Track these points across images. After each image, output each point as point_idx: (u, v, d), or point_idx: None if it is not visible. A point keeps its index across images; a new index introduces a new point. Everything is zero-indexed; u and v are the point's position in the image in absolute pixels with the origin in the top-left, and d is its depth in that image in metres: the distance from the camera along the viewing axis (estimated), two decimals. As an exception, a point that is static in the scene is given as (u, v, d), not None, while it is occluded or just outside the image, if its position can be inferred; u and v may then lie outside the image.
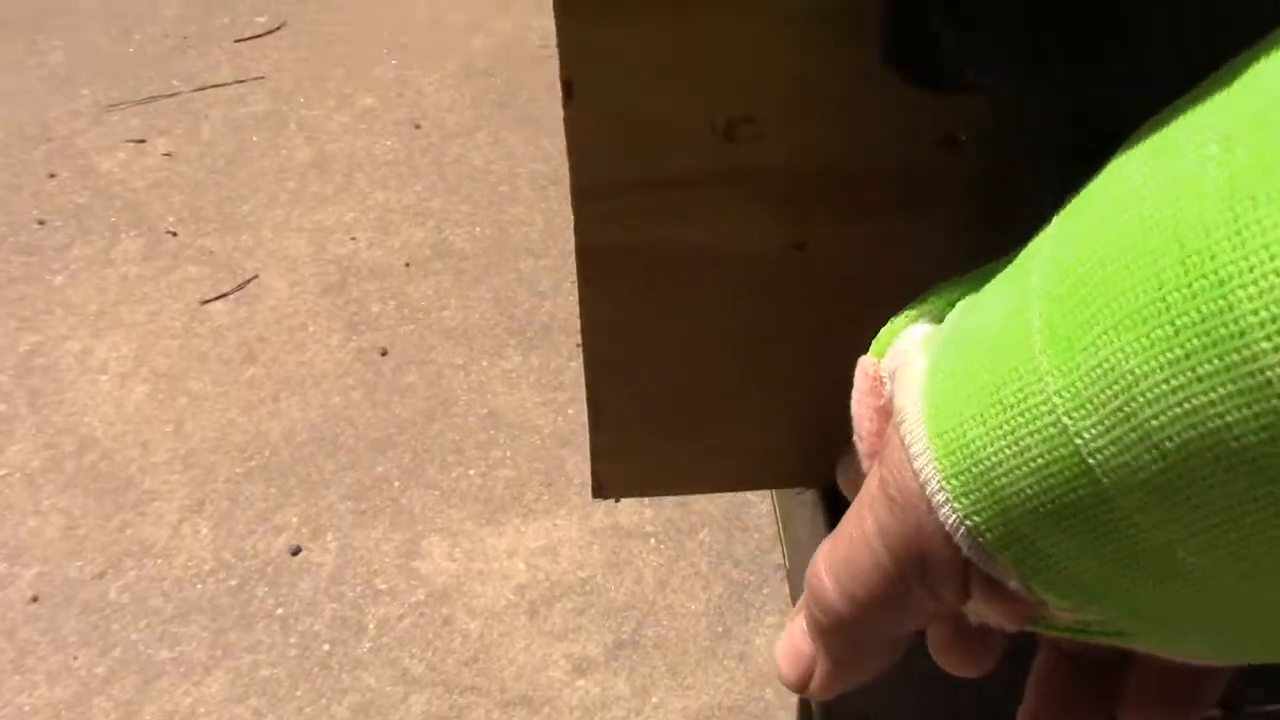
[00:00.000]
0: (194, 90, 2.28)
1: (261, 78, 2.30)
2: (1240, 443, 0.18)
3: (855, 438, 0.29)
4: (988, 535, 0.23)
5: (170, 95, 2.27)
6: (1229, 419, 0.18)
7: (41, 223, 2.00)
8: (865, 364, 0.30)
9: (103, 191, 2.06)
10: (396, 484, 1.58)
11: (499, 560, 1.49)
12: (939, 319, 0.28)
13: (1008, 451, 0.22)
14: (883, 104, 0.49)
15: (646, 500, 1.54)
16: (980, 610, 0.26)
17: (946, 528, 0.24)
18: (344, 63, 2.34)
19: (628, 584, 1.46)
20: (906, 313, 0.29)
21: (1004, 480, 0.22)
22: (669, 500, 1.53)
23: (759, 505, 1.52)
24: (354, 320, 1.81)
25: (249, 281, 1.88)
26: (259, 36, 2.43)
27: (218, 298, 1.86)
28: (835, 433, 0.61)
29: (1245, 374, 0.17)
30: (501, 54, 2.33)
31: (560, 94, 0.50)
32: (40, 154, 2.14)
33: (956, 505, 0.23)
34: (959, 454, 0.23)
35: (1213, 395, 0.18)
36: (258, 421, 1.67)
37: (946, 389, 0.24)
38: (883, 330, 0.30)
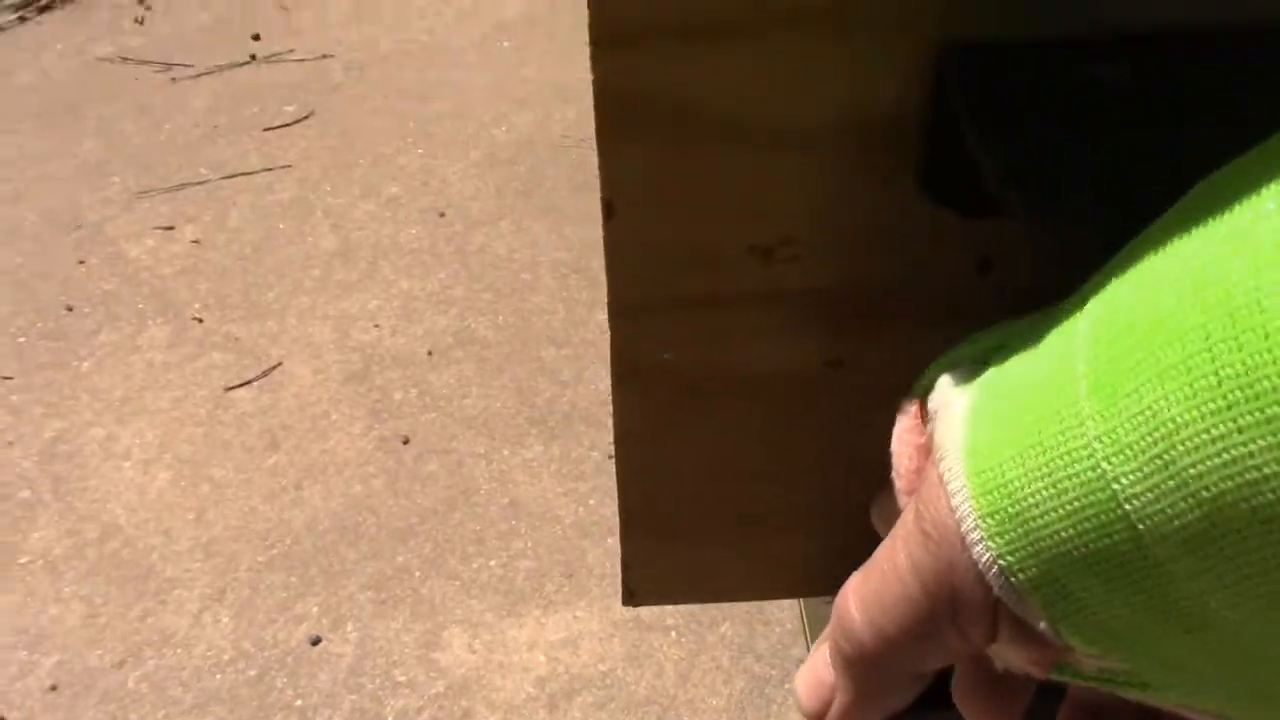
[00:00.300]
0: (222, 178, 2.32)
1: (289, 166, 2.34)
2: (1277, 495, 0.18)
3: (894, 474, 0.29)
4: (1020, 576, 0.23)
5: (199, 183, 2.31)
6: (1267, 471, 0.18)
7: (70, 309, 2.02)
8: (906, 403, 0.30)
9: (131, 278, 2.09)
10: (417, 574, 1.58)
11: (519, 652, 1.48)
12: (984, 361, 0.28)
13: (1045, 493, 0.22)
14: (919, 228, 0.50)
15: (668, 593, 1.53)
16: (1007, 653, 0.26)
17: (979, 566, 0.24)
18: (370, 152, 2.37)
19: (648, 678, 1.45)
20: (952, 353, 0.30)
21: (1039, 522, 0.22)
22: (690, 593, 1.53)
23: (802, 623, 1.51)
24: (376, 408, 1.82)
25: (273, 369, 1.89)
26: (287, 125, 2.47)
27: (242, 385, 1.87)
28: (865, 543, 0.61)
29: None
30: (525, 144, 2.36)
31: (581, 184, 0.51)
32: (70, 241, 2.17)
33: (991, 544, 0.23)
34: (996, 493, 0.23)
35: (1252, 447, 0.18)
36: (280, 510, 1.67)
37: (988, 429, 0.24)
38: (929, 368, 0.30)
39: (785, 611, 1.51)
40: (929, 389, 0.29)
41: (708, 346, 0.55)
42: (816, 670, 0.31)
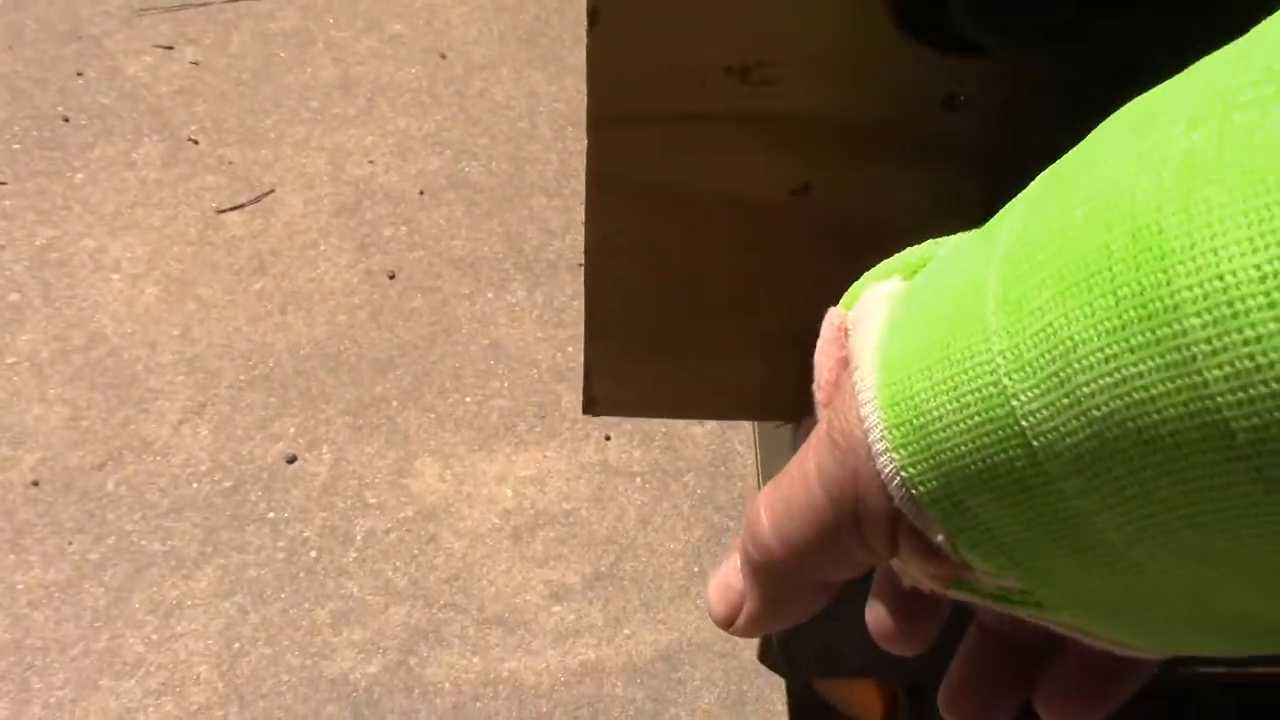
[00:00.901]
0: (225, 2, 2.30)
1: (293, -5, 2.32)
2: (1161, 416, 0.18)
3: (815, 386, 0.29)
4: (920, 488, 0.23)
5: (202, 4, 2.29)
6: (1153, 392, 0.18)
7: (66, 120, 2.02)
8: (832, 314, 0.29)
9: (128, 94, 2.08)
10: (394, 404, 1.62)
11: (488, 485, 1.53)
12: (910, 277, 0.28)
13: (949, 407, 0.22)
14: (891, 60, 0.52)
15: (636, 440, 1.57)
16: (908, 568, 0.27)
17: (883, 477, 0.24)
18: (376, -13, 2.35)
19: (610, 519, 1.50)
20: (878, 268, 0.29)
21: (941, 435, 0.22)
22: (657, 443, 1.57)
23: (744, 455, 1.56)
24: (365, 242, 1.84)
25: (265, 195, 1.91)
26: (293, -46, 2.44)
27: (234, 208, 1.88)
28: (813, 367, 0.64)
29: (1173, 348, 0.18)
30: (532, -8, 2.34)
31: (584, 36, 0.53)
32: (69, 52, 2.16)
33: (895, 455, 0.24)
34: (903, 405, 0.23)
35: (1142, 367, 0.18)
36: (264, 332, 1.70)
37: (902, 341, 0.25)
38: (854, 284, 0.30)
39: (748, 468, 1.55)
40: (854, 301, 0.29)
41: (682, 163, 0.57)
42: (727, 578, 0.31)
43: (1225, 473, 0.18)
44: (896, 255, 0.29)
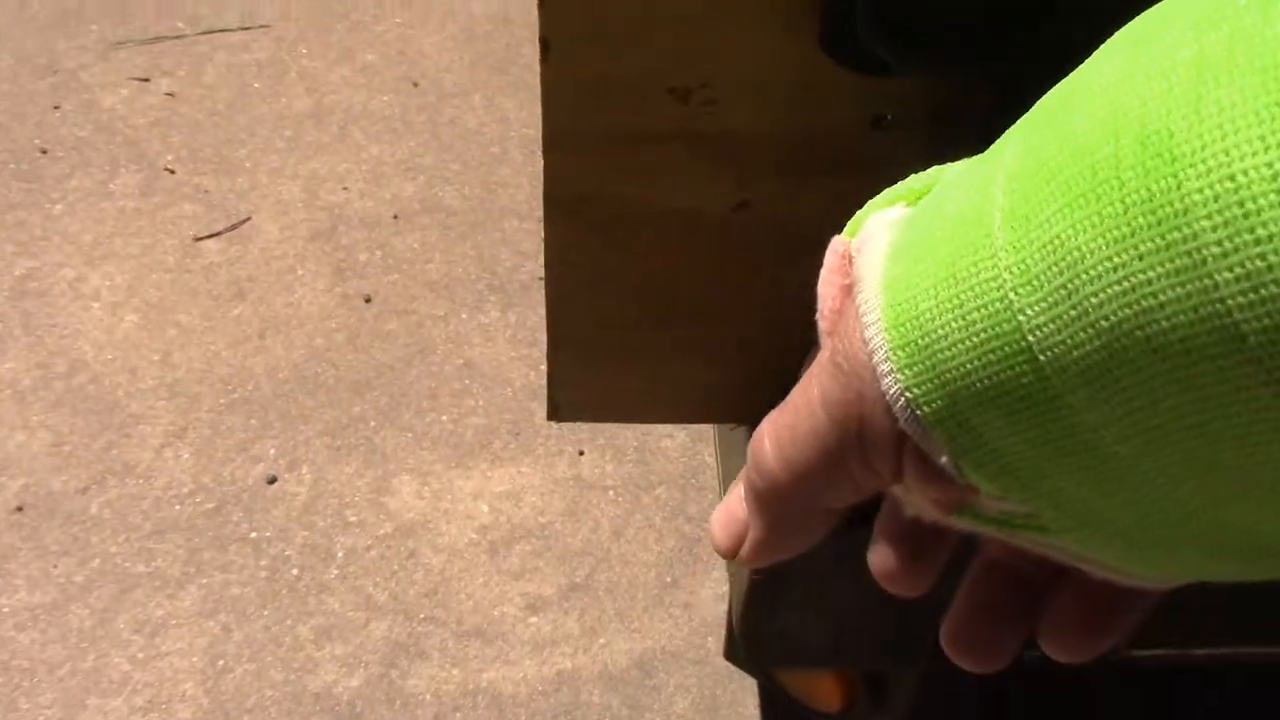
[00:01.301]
0: (199, 34, 2.34)
1: (267, 26, 2.36)
2: (1170, 322, 0.18)
3: (818, 315, 0.29)
4: (925, 409, 0.23)
5: (176, 37, 2.33)
6: (1162, 298, 0.18)
7: (44, 152, 2.05)
8: (836, 242, 0.29)
9: (105, 126, 2.12)
10: (372, 424, 1.65)
11: (464, 501, 1.56)
12: (914, 203, 0.28)
13: (954, 325, 0.22)
14: (820, 83, 0.56)
15: (608, 455, 1.61)
16: (912, 494, 0.27)
17: (887, 398, 0.24)
18: (348, 17, 2.39)
19: (584, 532, 1.53)
20: (882, 195, 0.29)
21: (947, 354, 0.22)
22: (629, 456, 1.61)
23: (714, 467, 1.60)
24: (341, 266, 1.87)
25: (242, 222, 1.94)
26: (266, -14, 2.48)
27: (211, 236, 1.92)
28: (768, 374, 0.69)
29: (1183, 252, 0.18)
30: (502, 20, 2.39)
31: (539, 59, 0.58)
32: (46, 85, 2.19)
33: (899, 376, 0.24)
34: (908, 325, 0.23)
35: (1150, 274, 0.18)
36: (243, 357, 1.73)
37: (906, 262, 0.24)
38: (859, 212, 0.30)
39: (719, 479, 1.59)
40: (858, 228, 0.29)
41: (630, 181, 0.61)
42: (730, 507, 0.31)
43: (1235, 378, 0.18)
44: (900, 182, 0.29)
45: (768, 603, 0.74)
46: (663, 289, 0.65)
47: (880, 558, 0.31)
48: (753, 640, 0.74)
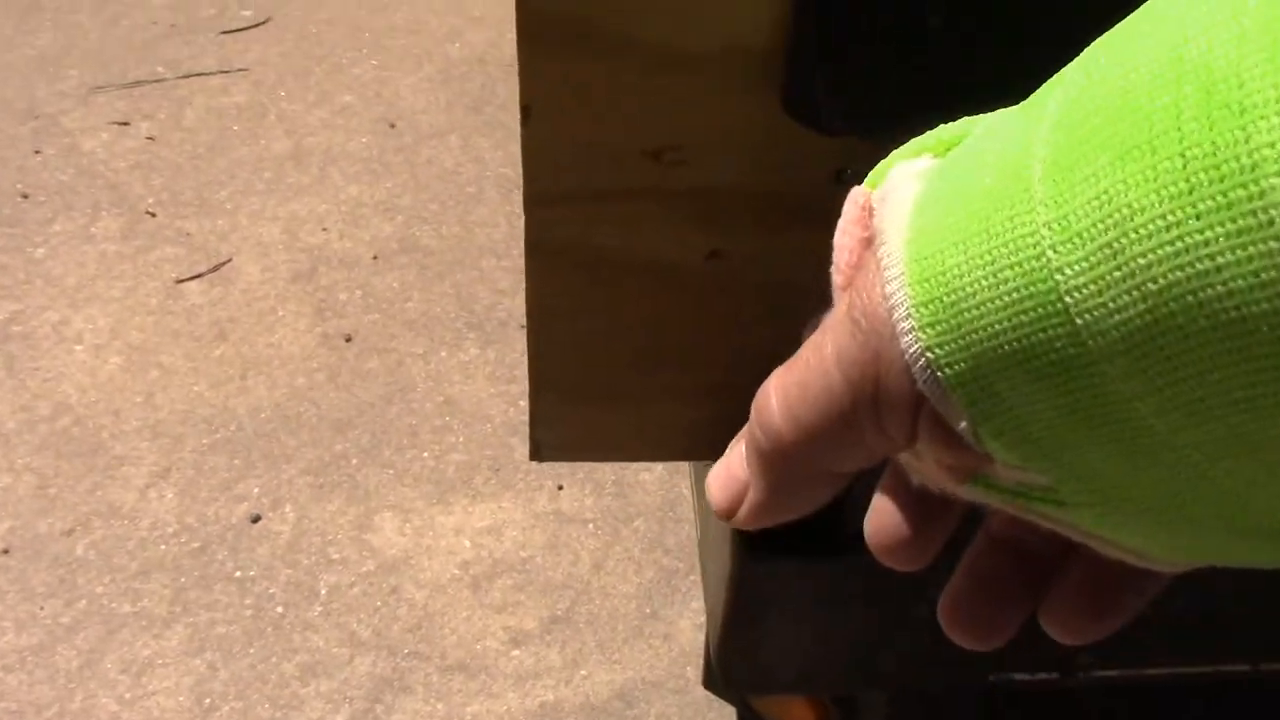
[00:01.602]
0: (179, 78, 2.37)
1: (245, 69, 2.39)
2: (1227, 288, 0.17)
3: (833, 269, 0.27)
4: (946, 370, 0.22)
5: (155, 81, 2.36)
6: (1220, 261, 0.17)
7: (25, 196, 2.08)
8: (856, 193, 0.27)
9: (86, 170, 2.14)
10: (354, 462, 1.68)
11: (446, 537, 1.59)
12: (942, 154, 0.26)
13: (984, 283, 0.21)
14: (783, 141, 0.60)
15: (587, 489, 1.64)
16: (922, 461, 0.26)
17: (906, 357, 0.23)
18: (326, 60, 2.43)
19: (565, 565, 1.56)
20: (908, 146, 0.27)
21: (974, 313, 0.21)
22: (608, 490, 1.64)
23: (690, 499, 1.63)
24: (321, 307, 1.90)
25: (223, 264, 1.97)
26: (244, 29, 2.52)
27: (192, 278, 1.95)
28: (741, 412, 0.72)
29: (1247, 211, 0.17)
30: (477, 61, 2.43)
31: (520, 121, 0.62)
32: (27, 130, 2.22)
33: (921, 335, 0.22)
34: (933, 281, 0.22)
35: (1209, 234, 0.17)
36: (225, 397, 1.76)
37: (933, 214, 0.23)
38: (881, 162, 0.28)
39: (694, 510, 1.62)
40: (881, 179, 0.27)
41: (608, 234, 0.65)
42: (730, 466, 0.30)
43: None
44: (928, 133, 0.27)
45: (741, 632, 0.77)
46: (642, 334, 0.69)
47: (880, 528, 0.29)
48: (729, 671, 0.77)
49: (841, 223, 0.27)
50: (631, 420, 0.74)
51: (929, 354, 0.22)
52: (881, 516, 0.29)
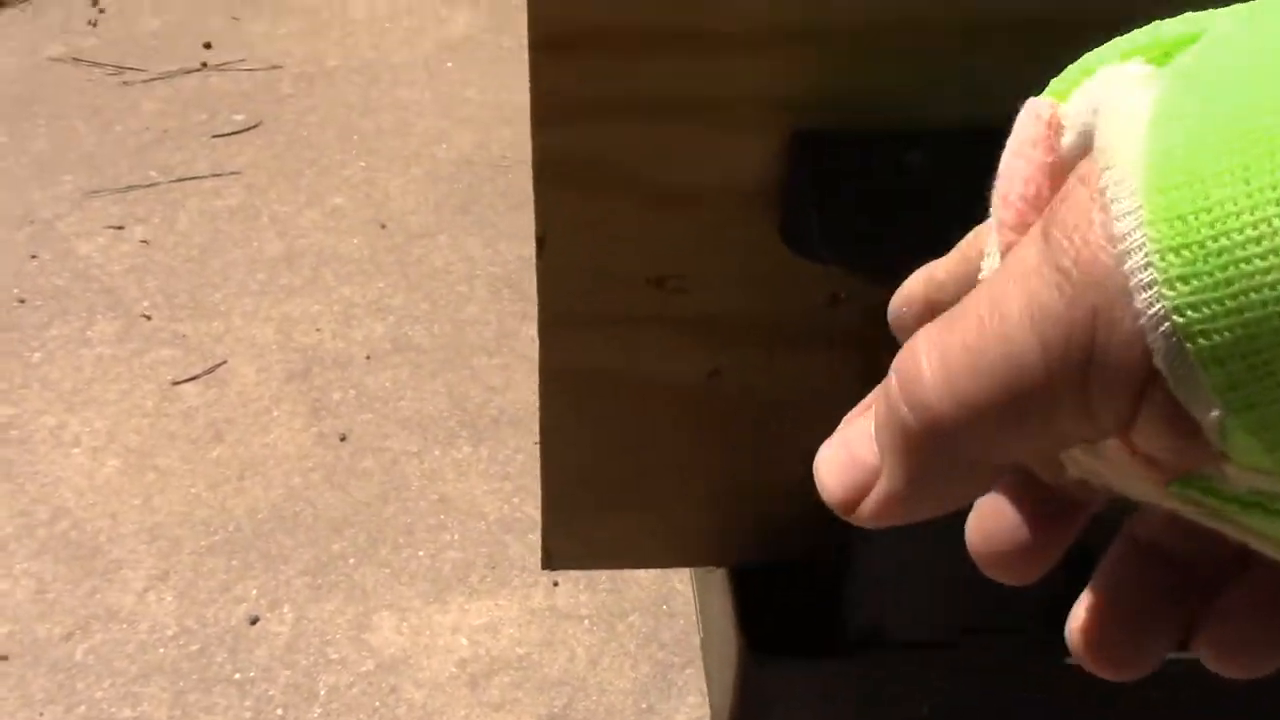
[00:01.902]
0: (171, 182, 2.42)
1: (237, 173, 2.44)
2: None
3: (998, 204, 0.22)
4: (1201, 341, 0.17)
5: (149, 185, 2.40)
6: None
7: (21, 301, 2.11)
8: (1038, 105, 0.22)
9: (81, 274, 2.18)
10: (351, 561, 1.69)
11: (444, 635, 1.60)
12: (1162, 61, 0.20)
13: (1275, 223, 0.16)
14: (779, 269, 0.64)
15: (582, 585, 1.66)
16: (1108, 448, 0.20)
17: (1141, 321, 0.18)
18: (316, 163, 2.48)
19: (561, 661, 1.58)
20: (1107, 47, 0.21)
21: (1254, 265, 0.16)
22: (603, 586, 1.66)
23: (684, 592, 1.65)
24: (316, 406, 1.93)
25: (218, 366, 2.00)
26: (236, 133, 2.57)
27: (188, 380, 1.97)
28: (744, 520, 0.75)
29: None
30: (464, 162, 2.48)
31: (516, 203, 0.66)
32: (23, 236, 2.26)
33: (1167, 291, 0.17)
34: (1191, 220, 0.17)
35: None
36: (222, 498, 1.78)
37: (1190, 130, 0.18)
38: (1069, 68, 0.22)
39: (688, 605, 1.64)
40: (1073, 88, 0.21)
41: (616, 355, 0.69)
42: (852, 448, 0.24)
43: None
44: (1138, 30, 0.21)
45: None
46: (649, 448, 0.72)
47: (992, 534, 0.24)
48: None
49: (1013, 142, 0.22)
50: (642, 530, 0.77)
51: (1178, 317, 0.17)
52: (994, 520, 0.24)
